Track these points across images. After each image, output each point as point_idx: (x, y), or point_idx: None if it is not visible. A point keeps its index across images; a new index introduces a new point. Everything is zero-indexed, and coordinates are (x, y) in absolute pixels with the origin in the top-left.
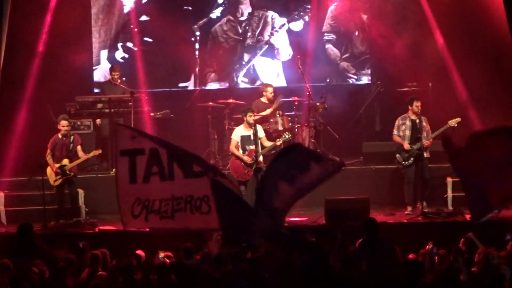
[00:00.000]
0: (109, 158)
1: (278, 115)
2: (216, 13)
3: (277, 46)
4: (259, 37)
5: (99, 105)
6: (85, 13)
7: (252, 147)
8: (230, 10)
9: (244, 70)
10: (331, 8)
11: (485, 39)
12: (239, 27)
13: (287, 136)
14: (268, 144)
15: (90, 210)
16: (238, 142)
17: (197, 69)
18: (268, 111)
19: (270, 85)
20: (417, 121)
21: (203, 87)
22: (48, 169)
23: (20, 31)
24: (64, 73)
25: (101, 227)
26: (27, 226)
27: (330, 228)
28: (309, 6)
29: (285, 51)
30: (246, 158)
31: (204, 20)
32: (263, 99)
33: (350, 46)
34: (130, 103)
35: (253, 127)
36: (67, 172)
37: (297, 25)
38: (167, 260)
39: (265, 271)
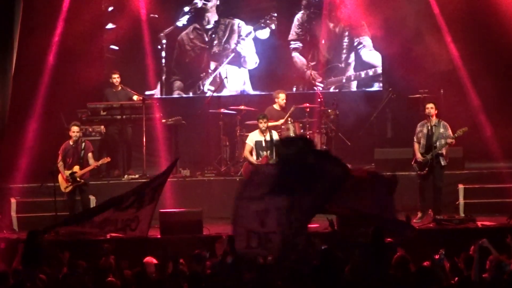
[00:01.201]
0: (119, 166)
1: (289, 122)
2: (182, 21)
3: (244, 54)
4: (225, 45)
5: (110, 112)
6: (96, 21)
7: (266, 153)
8: (196, 18)
9: (211, 78)
10: (298, 16)
11: (497, 45)
12: (205, 35)
13: None
14: None
15: None
16: (252, 147)
17: (163, 77)
18: (281, 121)
19: (283, 92)
20: (434, 128)
21: (215, 94)
22: (59, 176)
23: (32, 38)
24: (75, 80)
25: (112, 234)
26: (35, 232)
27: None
28: (276, 14)
29: (252, 59)
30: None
31: (170, 28)
32: (276, 106)
33: (316, 54)
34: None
35: (267, 133)
36: (78, 179)
37: (264, 33)
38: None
39: (277, 279)
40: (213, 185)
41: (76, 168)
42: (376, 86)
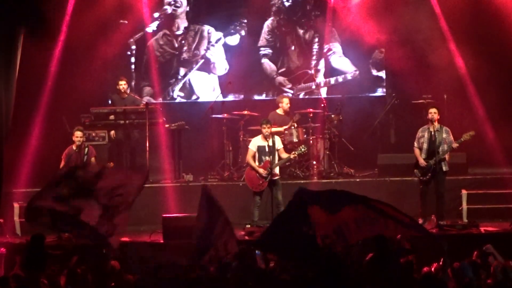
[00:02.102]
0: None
1: (293, 127)
2: (152, 27)
3: (213, 61)
4: (195, 52)
5: (114, 117)
6: (99, 26)
7: (269, 158)
8: (166, 24)
9: (180, 84)
10: (268, 22)
11: (501, 51)
12: (175, 41)
13: (303, 149)
14: (285, 156)
15: None
16: (255, 152)
17: (133, 83)
18: (285, 127)
19: (287, 97)
20: (436, 133)
21: (218, 99)
22: None
23: (36, 42)
24: (79, 84)
25: None
26: (38, 236)
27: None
28: (245, 21)
29: (221, 66)
30: (261, 170)
31: (140, 34)
32: (279, 111)
33: (286, 61)
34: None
35: (270, 139)
36: None
37: (233, 40)
38: None
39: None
40: (216, 190)
41: None
42: (380, 92)
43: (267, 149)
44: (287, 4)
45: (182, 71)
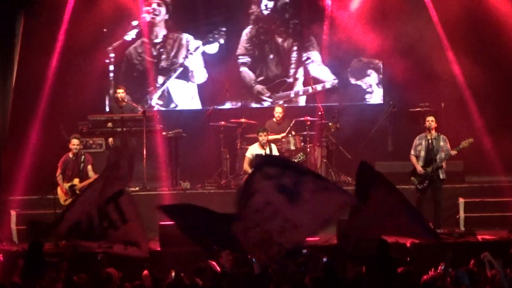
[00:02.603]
0: (121, 178)
1: (290, 135)
2: (130, 35)
3: (192, 69)
4: (173, 60)
5: (111, 124)
6: (98, 32)
7: None
8: (145, 32)
9: (159, 93)
10: (246, 31)
11: (498, 59)
12: (153, 50)
13: (301, 157)
14: None
15: None
16: (252, 160)
17: (111, 91)
18: (282, 135)
19: (278, 105)
20: (434, 141)
21: (215, 107)
22: (59, 189)
23: (32, 50)
24: (76, 92)
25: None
26: (37, 244)
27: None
28: (224, 29)
29: (200, 74)
30: None
31: (118, 42)
32: (275, 119)
33: (265, 69)
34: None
35: (267, 147)
36: (77, 191)
37: (212, 48)
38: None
39: None
40: (213, 198)
41: (76, 181)
42: (377, 100)
43: None
44: (265, 12)
45: (160, 79)
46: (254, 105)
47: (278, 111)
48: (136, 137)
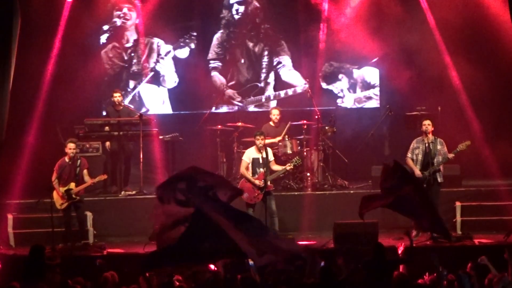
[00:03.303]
0: (118, 182)
1: (287, 139)
2: (101, 39)
3: (163, 73)
4: (144, 64)
5: (108, 128)
6: (95, 35)
7: (263, 170)
8: (115, 36)
9: (130, 97)
10: (217, 35)
11: (495, 63)
12: (124, 54)
13: (298, 161)
14: (276, 168)
15: (98, 233)
16: (249, 164)
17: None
18: (278, 138)
19: (275, 108)
20: (431, 144)
21: (212, 110)
22: (55, 193)
23: (29, 53)
24: (73, 95)
25: (109, 250)
26: (39, 247)
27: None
28: (195, 34)
29: (171, 78)
30: (257, 181)
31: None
32: (271, 123)
33: (236, 74)
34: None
35: (263, 150)
36: (73, 196)
37: (183, 52)
38: (177, 283)
39: None
40: None
41: (72, 185)
42: (374, 104)
43: (261, 161)
44: (236, 17)
45: (131, 83)
46: (251, 109)
47: (275, 113)
48: (133, 141)
